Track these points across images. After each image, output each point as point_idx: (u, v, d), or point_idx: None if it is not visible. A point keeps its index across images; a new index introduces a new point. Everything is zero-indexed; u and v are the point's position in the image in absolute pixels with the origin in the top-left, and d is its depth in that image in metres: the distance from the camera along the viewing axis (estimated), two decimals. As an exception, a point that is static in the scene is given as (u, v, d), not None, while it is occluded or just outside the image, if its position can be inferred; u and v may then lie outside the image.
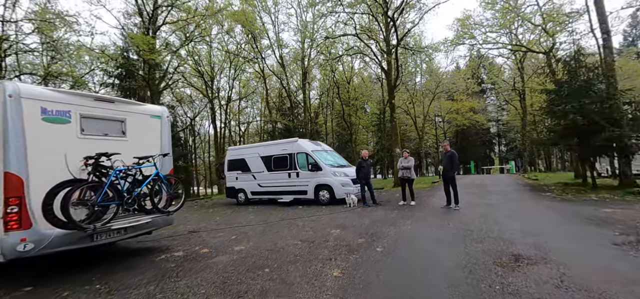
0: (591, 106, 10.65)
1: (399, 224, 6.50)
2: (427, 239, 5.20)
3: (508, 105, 42.28)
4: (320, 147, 12.05)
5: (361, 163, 9.73)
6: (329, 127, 41.30)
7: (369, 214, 8.07)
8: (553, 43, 18.59)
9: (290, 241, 5.63)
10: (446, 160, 8.33)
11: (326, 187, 10.59)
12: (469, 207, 8.28)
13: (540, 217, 6.63)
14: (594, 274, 3.33)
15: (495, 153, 55.75)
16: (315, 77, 36.91)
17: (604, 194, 9.70)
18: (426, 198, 10.82)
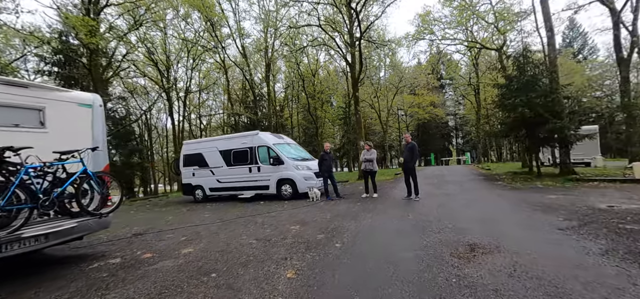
0: (537, 99, 11.40)
1: (360, 218, 6.37)
2: (387, 232, 5.09)
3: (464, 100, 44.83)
4: (282, 140, 11.64)
5: (323, 156, 9.51)
6: (295, 121, 40.78)
7: (332, 208, 7.89)
8: (504, 41, 19.81)
9: (245, 240, 5.24)
10: (407, 152, 8.38)
11: (288, 182, 10.25)
12: (428, 198, 8.43)
13: (493, 206, 6.88)
14: (544, 260, 3.38)
15: (453, 145, 59.09)
16: (280, 69, 36.20)
17: (547, 182, 10.46)
18: (388, 190, 10.93)
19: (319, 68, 31.97)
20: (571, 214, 5.55)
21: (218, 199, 12.13)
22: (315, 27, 19.60)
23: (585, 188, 8.63)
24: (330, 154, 9.78)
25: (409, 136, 8.80)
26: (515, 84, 12.73)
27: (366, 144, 9.66)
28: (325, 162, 9.46)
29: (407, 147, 8.43)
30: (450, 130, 58.02)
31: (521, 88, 12.05)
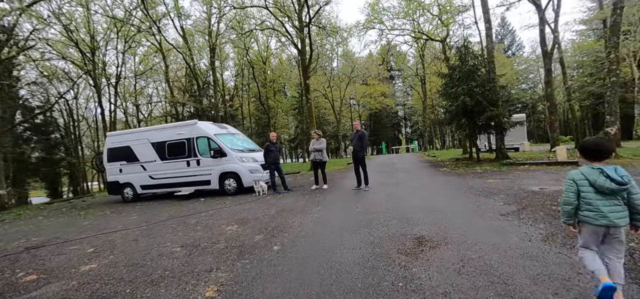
0: (477, 88, 11.97)
1: (307, 212, 5.88)
2: (333, 228, 4.66)
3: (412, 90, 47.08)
4: (225, 130, 10.64)
5: (269, 147, 8.82)
6: (247, 111, 39.02)
7: (278, 202, 7.29)
8: (447, 33, 20.74)
9: (167, 248, 4.41)
10: (356, 140, 8.08)
11: (232, 175, 9.38)
12: (378, 187, 8.26)
13: (439, 193, 6.88)
14: (491, 252, 3.19)
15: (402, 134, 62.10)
16: (229, 55, 34.12)
17: (486, 167, 11.07)
18: (339, 180, 10.65)
19: (270, 55, 30.69)
20: (510, 198, 5.68)
21: (152, 198, 10.76)
22: (265, 10, 18.50)
23: (518, 172, 9.20)
24: (277, 144, 9.12)
25: (358, 123, 8.47)
26: (457, 73, 13.26)
27: (315, 133, 9.18)
28: (272, 153, 8.78)
29: (356, 135, 8.12)
30: (399, 120, 60.77)
31: (463, 78, 12.58)
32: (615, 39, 9.96)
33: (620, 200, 2.05)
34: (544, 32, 14.94)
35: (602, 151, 2.15)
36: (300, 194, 8.23)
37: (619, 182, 2.01)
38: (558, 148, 10.51)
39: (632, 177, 2.07)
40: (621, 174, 2.03)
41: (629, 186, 2.01)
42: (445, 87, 13.70)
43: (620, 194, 2.04)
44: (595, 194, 2.10)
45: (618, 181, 2.01)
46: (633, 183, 2.04)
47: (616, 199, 2.06)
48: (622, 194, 2.04)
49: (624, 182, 2.00)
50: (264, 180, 9.26)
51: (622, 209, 2.05)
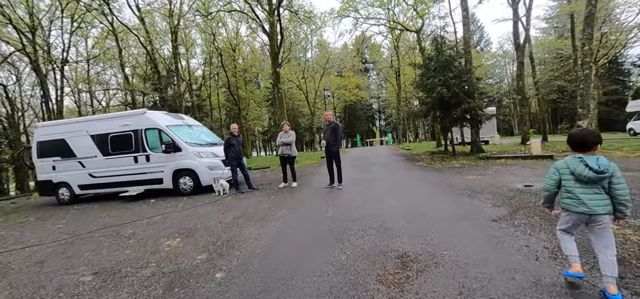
0: (453, 80, 11.54)
1: (269, 219, 4.95)
2: (296, 242, 3.79)
3: (387, 83, 47.11)
4: (181, 120, 9.36)
5: (230, 140, 7.74)
6: (217, 101, 36.95)
7: (238, 205, 6.29)
8: (422, 23, 20.38)
9: (75, 276, 3.32)
10: (329, 132, 7.22)
11: (188, 173, 8.21)
12: (352, 185, 7.50)
13: (419, 192, 6.22)
14: (496, 278, 2.47)
15: (377, 127, 62.50)
16: (196, 42, 31.89)
17: (462, 160, 10.69)
18: (311, 176, 9.80)
19: (240, 42, 28.94)
20: (496, 198, 5.10)
21: (94, 199, 9.30)
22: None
23: (496, 166, 8.84)
24: (240, 137, 8.05)
25: (330, 114, 7.58)
26: (433, 64, 12.79)
27: (285, 125, 8.21)
28: (233, 148, 7.71)
29: (328, 127, 7.26)
30: (374, 112, 61.02)
31: (439, 68, 12.11)
32: (589, 30, 9.85)
33: (601, 189, 2.10)
34: (518, 24, 14.89)
35: (586, 142, 2.20)
36: (266, 194, 7.27)
37: (596, 171, 2.06)
38: (532, 142, 10.34)
39: (616, 169, 2.07)
40: (602, 163, 2.06)
41: (608, 175, 2.04)
42: (421, 78, 13.19)
43: (601, 183, 2.09)
44: (575, 182, 2.19)
45: (596, 169, 2.07)
46: (616, 174, 2.06)
47: (597, 188, 2.11)
48: (602, 184, 2.09)
49: (601, 171, 2.04)
50: (226, 178, 8.20)
51: (602, 198, 2.10)
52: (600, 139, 2.31)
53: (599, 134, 2.30)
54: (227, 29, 27.86)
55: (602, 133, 17.22)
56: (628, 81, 37.30)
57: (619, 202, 2.05)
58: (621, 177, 2.06)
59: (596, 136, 2.24)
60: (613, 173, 2.05)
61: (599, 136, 2.26)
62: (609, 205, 2.08)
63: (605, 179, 2.06)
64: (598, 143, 2.21)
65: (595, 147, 2.19)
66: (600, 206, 2.09)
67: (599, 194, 2.09)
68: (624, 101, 33.88)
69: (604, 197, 2.08)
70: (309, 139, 45.91)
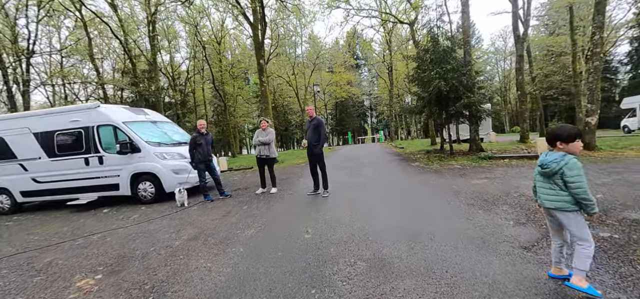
0: (452, 72, 10.57)
1: (230, 242, 3.84)
2: (258, 284, 2.69)
3: (378, 80, 46.25)
4: (143, 116, 8.09)
5: (197, 139, 6.56)
6: (202, 97, 35.40)
7: (200, 219, 5.15)
8: (416, 16, 19.42)
9: None
10: (311, 130, 6.12)
11: (149, 177, 7.01)
12: (340, 191, 6.43)
13: (420, 202, 5.18)
14: None
15: (368, 124, 61.72)
16: (180, 35, 30.31)
17: (462, 161, 9.74)
18: (294, 180, 8.69)
19: (225, 35, 27.49)
20: (516, 211, 4.11)
21: (39, 207, 8.00)
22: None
23: (502, 167, 7.90)
24: (209, 136, 6.86)
25: (312, 109, 6.41)
26: (429, 56, 11.80)
27: (263, 121, 7.07)
28: (201, 148, 6.54)
29: (310, 124, 6.16)
30: (366, 109, 60.17)
31: (436, 60, 11.12)
32: (600, 17, 8.99)
33: (555, 185, 2.13)
34: (517, 15, 14.03)
35: (549, 138, 2.21)
36: (238, 203, 6.13)
37: (539, 164, 2.23)
38: (538, 140, 9.47)
39: (572, 166, 2.02)
40: (546, 160, 2.16)
41: (549, 170, 2.11)
42: (417, 71, 12.20)
43: (553, 178, 2.13)
44: (538, 176, 2.29)
45: (539, 164, 2.23)
46: (568, 172, 2.03)
47: (551, 183, 2.16)
48: (554, 179, 2.12)
49: (541, 166, 2.19)
50: (194, 182, 7.04)
51: (553, 192, 2.15)
52: (565, 136, 2.12)
53: (565, 131, 2.14)
54: (212, 20, 26.40)
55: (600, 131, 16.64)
56: (615, 79, 37.41)
57: (577, 199, 2.05)
58: (576, 175, 2.02)
59: (558, 132, 2.15)
60: (562, 170, 2.05)
61: (562, 133, 2.13)
62: (560, 201, 2.11)
63: (553, 175, 2.11)
64: (558, 140, 2.13)
65: (559, 144, 2.13)
66: (548, 201, 2.19)
67: (552, 190, 2.15)
68: (612, 99, 33.85)
69: (555, 192, 2.13)
70: (300, 136, 44.75)
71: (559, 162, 2.06)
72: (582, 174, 2.02)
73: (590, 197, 2.00)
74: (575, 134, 2.10)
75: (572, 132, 2.10)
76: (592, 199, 2.00)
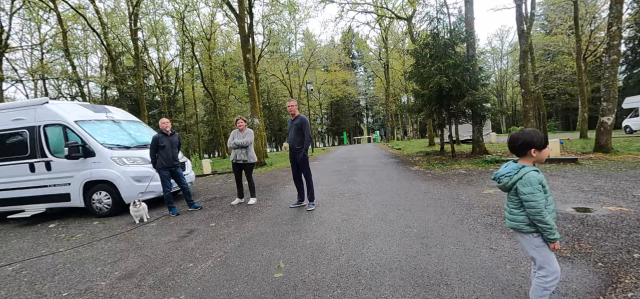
0: (454, 68, 9.66)
1: (171, 286, 2.84)
2: None
3: (374, 79, 45.42)
4: (103, 114, 7.00)
5: (159, 140, 5.53)
6: (195, 96, 34.23)
7: (150, 243, 4.14)
8: (413, 10, 18.53)
9: None
10: (293, 131, 5.12)
11: (106, 186, 5.96)
12: (328, 203, 5.45)
13: (425, 219, 4.22)
14: None
15: (364, 124, 60.89)
16: (170, 31, 29.11)
17: (466, 164, 8.83)
18: (279, 187, 7.68)
19: (215, 31, 26.36)
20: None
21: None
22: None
23: (514, 173, 6.98)
24: (175, 136, 5.83)
25: (293, 104, 5.21)
26: (429, 50, 10.88)
27: (241, 120, 6.05)
28: (164, 151, 5.50)
29: (292, 123, 5.16)
30: (361, 109, 59.35)
31: (437, 56, 10.21)
32: (618, 7, 8.14)
33: (516, 201, 1.82)
34: (521, 8, 13.14)
35: (519, 145, 1.83)
36: (205, 219, 5.12)
37: (493, 177, 1.92)
38: (550, 142, 8.57)
39: (528, 180, 1.70)
40: (500, 172, 1.87)
41: (501, 184, 1.84)
42: (416, 67, 11.27)
43: (508, 193, 1.86)
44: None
45: (493, 176, 1.92)
46: (522, 188, 1.72)
47: (511, 199, 1.86)
48: (511, 195, 1.85)
49: (495, 178, 1.88)
50: (156, 194, 6.02)
51: (512, 210, 1.85)
52: (540, 142, 1.76)
53: (538, 136, 1.79)
54: (202, 15, 25.27)
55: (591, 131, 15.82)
56: (610, 80, 37.02)
57: (531, 221, 1.74)
58: (529, 192, 1.68)
59: (531, 138, 1.77)
60: (516, 185, 1.75)
61: (537, 139, 1.77)
62: (516, 221, 1.81)
63: (508, 190, 1.83)
64: (531, 146, 1.76)
65: (532, 152, 1.78)
66: (508, 219, 1.90)
67: (513, 207, 1.84)
68: None
69: (514, 210, 1.83)
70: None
71: (512, 176, 1.78)
72: (538, 191, 1.69)
73: (547, 220, 1.68)
74: (546, 139, 1.84)
75: (544, 137, 1.79)
76: (549, 223, 1.68)
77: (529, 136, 1.78)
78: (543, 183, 1.71)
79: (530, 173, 1.73)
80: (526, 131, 1.82)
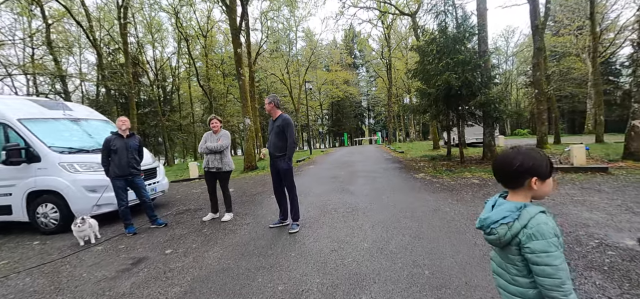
0: (464, 65, 8.64)
1: None
2: None
3: (376, 80, 44.41)
4: (59, 112, 6.02)
5: (111, 143, 4.55)
6: (191, 95, 33.38)
7: (80, 278, 3.18)
8: (418, 6, 17.55)
9: None
10: (274, 134, 4.14)
11: (53, 197, 4.99)
12: (317, 223, 4.47)
13: (438, 252, 3.23)
14: None
15: (366, 125, 59.85)
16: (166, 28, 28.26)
17: (478, 172, 7.82)
18: (263, 197, 6.68)
19: (212, 26, 25.46)
20: (612, 279, 2.16)
21: None
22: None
23: (537, 185, 5.97)
24: (134, 139, 4.85)
25: (271, 103, 4.15)
26: (435, 46, 9.87)
27: (215, 120, 5.07)
28: (116, 155, 4.52)
29: (273, 125, 4.17)
30: (363, 110, 58.33)
31: (445, 51, 9.19)
32: (656, -5, 7.13)
33: (514, 262, 1.07)
34: (537, 1, 12.14)
35: (512, 172, 1.10)
36: (164, 242, 4.14)
37: (479, 226, 1.13)
38: (574, 147, 7.56)
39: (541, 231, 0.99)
40: (495, 215, 1.08)
41: (498, 237, 1.06)
42: (422, 63, 10.26)
43: (504, 250, 1.09)
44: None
45: (478, 223, 1.14)
46: (532, 245, 0.99)
47: (506, 257, 1.10)
48: (509, 253, 1.07)
49: (482, 226, 1.11)
50: (114, 206, 5.05)
51: (516, 277, 1.07)
52: (545, 167, 1.06)
53: (543, 158, 1.08)
54: (199, 11, 24.37)
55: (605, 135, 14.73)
56: (618, 82, 36.03)
57: (546, 296, 0.98)
58: (544, 250, 0.96)
59: (534, 161, 1.07)
60: (519, 239, 1.02)
61: (541, 162, 1.07)
62: (518, 294, 1.07)
63: (505, 246, 1.07)
64: (533, 174, 1.06)
65: (533, 182, 1.06)
66: (502, 289, 1.13)
67: (517, 273, 1.07)
68: (614, 102, 32.27)
69: (518, 278, 1.07)
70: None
71: (510, 224, 1.04)
72: (555, 248, 0.96)
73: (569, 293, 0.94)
74: (552, 165, 1.08)
75: (550, 162, 1.08)
76: None
77: (531, 159, 1.08)
78: (558, 234, 1.01)
79: (538, 218, 1.03)
80: (525, 150, 1.12)
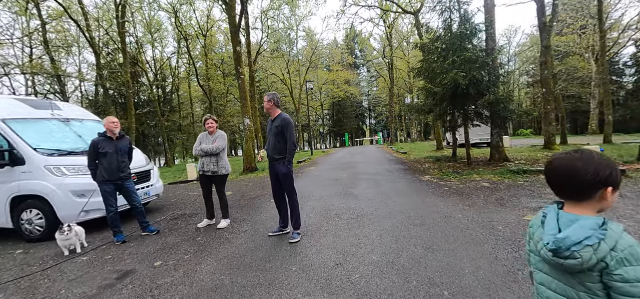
0: (471, 63, 8.31)
1: None
2: None
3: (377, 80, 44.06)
4: (47, 112, 5.71)
5: (99, 145, 4.24)
6: (191, 95, 33.13)
7: (59, 294, 2.86)
8: (421, 4, 17.23)
9: None
10: (273, 135, 3.83)
11: (38, 203, 4.69)
12: (320, 230, 4.15)
13: (456, 267, 2.92)
14: None
15: (367, 126, 59.50)
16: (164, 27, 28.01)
17: (487, 174, 7.49)
18: (263, 201, 6.36)
19: (212, 26, 25.19)
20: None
21: None
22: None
23: (552, 189, 5.64)
24: (125, 140, 4.55)
25: (270, 102, 3.87)
26: (441, 44, 9.56)
27: (211, 120, 4.75)
28: (105, 159, 4.22)
29: (272, 125, 3.86)
30: (364, 110, 57.98)
31: (451, 49, 8.87)
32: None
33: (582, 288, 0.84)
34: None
35: (580, 182, 0.88)
36: (154, 253, 3.83)
37: (546, 243, 0.87)
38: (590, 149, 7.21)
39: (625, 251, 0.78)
40: (575, 235, 0.83)
41: (578, 263, 0.81)
42: (427, 62, 9.94)
43: (579, 277, 0.84)
44: (537, 259, 0.97)
45: (548, 244, 0.87)
46: (623, 272, 0.77)
47: (577, 284, 0.85)
48: (585, 280, 0.83)
49: (557, 249, 0.84)
50: (102, 212, 4.73)
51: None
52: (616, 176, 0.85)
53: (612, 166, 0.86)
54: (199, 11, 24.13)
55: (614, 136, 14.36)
56: (621, 82, 35.66)
57: None
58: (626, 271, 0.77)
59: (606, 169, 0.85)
60: (606, 264, 0.79)
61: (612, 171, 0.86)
62: None
63: (583, 272, 0.82)
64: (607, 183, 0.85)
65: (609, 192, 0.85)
66: None
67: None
68: (617, 102, 31.90)
69: None
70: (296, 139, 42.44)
71: (596, 245, 0.79)
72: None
73: None
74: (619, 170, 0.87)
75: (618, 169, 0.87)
76: None
77: (607, 168, 0.85)
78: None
79: (627, 239, 0.80)
80: (594, 157, 0.88)
